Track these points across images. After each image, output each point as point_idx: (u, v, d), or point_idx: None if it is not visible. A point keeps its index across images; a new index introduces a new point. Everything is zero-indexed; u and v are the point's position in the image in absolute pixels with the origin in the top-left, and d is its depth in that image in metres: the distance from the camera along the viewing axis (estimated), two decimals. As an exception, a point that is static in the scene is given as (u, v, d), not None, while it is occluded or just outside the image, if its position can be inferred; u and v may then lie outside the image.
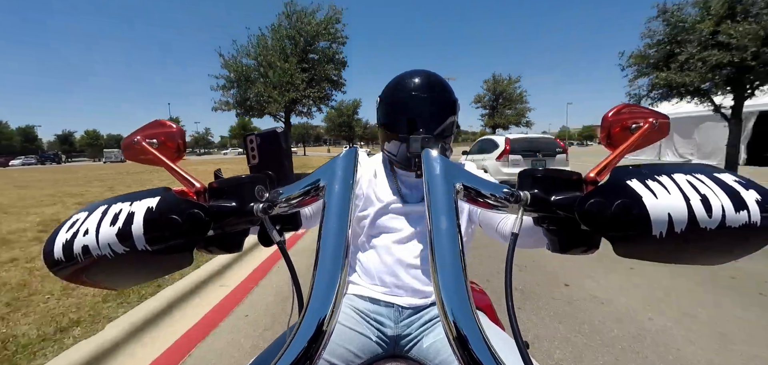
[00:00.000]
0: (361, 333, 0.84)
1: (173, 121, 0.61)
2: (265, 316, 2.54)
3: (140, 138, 0.59)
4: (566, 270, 3.26)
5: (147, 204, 0.40)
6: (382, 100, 0.94)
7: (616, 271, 3.19)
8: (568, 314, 2.48)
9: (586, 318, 2.41)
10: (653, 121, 0.55)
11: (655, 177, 0.36)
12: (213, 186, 0.46)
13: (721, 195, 0.34)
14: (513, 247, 0.38)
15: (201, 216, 0.40)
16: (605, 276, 3.11)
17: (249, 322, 2.45)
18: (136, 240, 0.39)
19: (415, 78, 0.90)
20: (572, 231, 0.42)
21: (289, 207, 0.46)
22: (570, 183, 0.43)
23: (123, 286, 0.44)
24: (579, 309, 2.54)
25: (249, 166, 0.55)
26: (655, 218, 0.34)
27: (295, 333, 0.31)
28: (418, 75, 0.90)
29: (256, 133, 0.55)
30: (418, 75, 0.90)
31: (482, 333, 0.30)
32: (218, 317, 2.52)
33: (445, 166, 0.42)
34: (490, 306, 0.96)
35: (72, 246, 0.39)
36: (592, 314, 2.47)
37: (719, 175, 0.36)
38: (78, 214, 0.42)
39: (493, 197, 0.43)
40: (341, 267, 0.34)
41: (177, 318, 2.46)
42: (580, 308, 2.57)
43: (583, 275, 3.15)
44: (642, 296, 2.74)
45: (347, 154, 0.44)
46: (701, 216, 0.33)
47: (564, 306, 2.60)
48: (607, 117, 0.57)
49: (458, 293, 0.32)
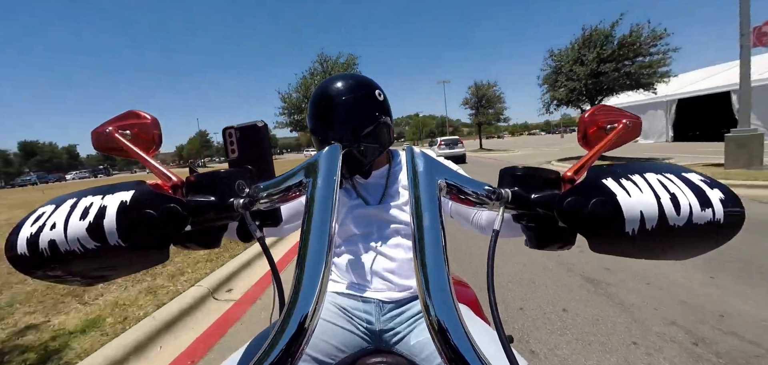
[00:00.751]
0: (344, 327, 0.84)
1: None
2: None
3: (112, 129, 0.56)
4: (715, 297, 2.41)
5: (120, 198, 0.38)
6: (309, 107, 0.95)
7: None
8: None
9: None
10: (627, 122, 0.58)
11: (628, 176, 0.38)
12: (190, 181, 0.45)
13: (689, 194, 0.36)
14: (494, 243, 0.39)
15: (178, 210, 0.38)
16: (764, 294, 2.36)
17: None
18: (109, 235, 0.37)
19: (335, 83, 0.89)
20: (549, 228, 0.43)
21: (270, 202, 0.45)
22: (548, 181, 0.44)
23: (93, 282, 0.42)
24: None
25: (228, 160, 0.54)
26: (628, 216, 0.35)
27: (277, 331, 0.30)
28: (337, 80, 0.90)
29: (235, 127, 0.54)
30: (337, 80, 0.90)
31: (464, 327, 0.30)
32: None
33: (428, 162, 0.43)
34: (476, 301, 0.98)
35: (37, 241, 0.37)
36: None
37: (687, 175, 0.38)
38: (44, 207, 0.40)
39: (474, 194, 0.44)
40: (325, 263, 0.34)
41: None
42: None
43: (740, 298, 2.37)
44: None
45: (331, 150, 0.44)
46: (670, 213, 0.35)
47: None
48: (584, 118, 0.60)
49: (441, 289, 0.32)
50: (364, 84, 0.91)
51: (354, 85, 0.89)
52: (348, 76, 0.91)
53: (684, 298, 2.44)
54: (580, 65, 13.91)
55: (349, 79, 0.90)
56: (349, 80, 0.90)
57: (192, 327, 2.55)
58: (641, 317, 2.25)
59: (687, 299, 2.43)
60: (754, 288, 2.51)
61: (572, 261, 3.28)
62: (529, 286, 2.86)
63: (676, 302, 2.40)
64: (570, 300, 2.57)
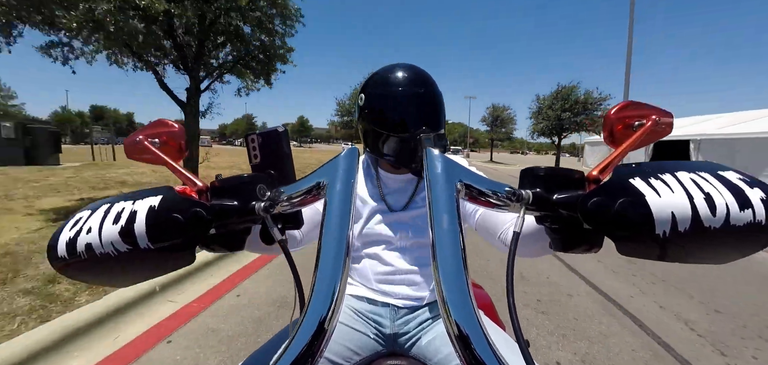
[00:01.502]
0: (359, 330, 0.84)
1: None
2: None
3: (142, 137, 0.59)
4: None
5: (149, 203, 0.40)
6: (372, 95, 0.88)
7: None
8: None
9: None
10: (656, 119, 0.54)
11: (658, 175, 0.36)
12: (215, 185, 0.46)
13: (726, 194, 0.33)
14: (514, 246, 0.38)
15: (203, 214, 0.40)
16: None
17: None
18: (139, 239, 0.39)
19: (408, 73, 0.86)
20: (575, 230, 0.42)
21: (290, 205, 0.46)
22: (572, 181, 0.43)
23: (125, 284, 0.44)
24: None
25: (251, 165, 0.55)
26: (658, 217, 0.33)
27: (297, 331, 0.31)
28: (409, 69, 0.86)
29: (257, 133, 0.55)
30: (409, 69, 0.86)
31: (484, 333, 0.30)
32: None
33: (446, 164, 0.42)
34: (491, 305, 0.96)
35: (75, 244, 0.39)
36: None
37: (724, 173, 0.35)
38: (82, 213, 0.42)
39: (494, 196, 0.43)
40: (343, 265, 0.34)
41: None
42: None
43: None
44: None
45: (348, 153, 0.44)
46: (705, 214, 0.33)
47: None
48: (610, 115, 0.56)
49: (460, 292, 0.32)
50: (433, 80, 0.88)
51: (429, 75, 0.87)
52: (411, 65, 0.88)
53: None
54: (552, 110, 22.32)
55: (419, 69, 0.87)
56: (422, 70, 0.87)
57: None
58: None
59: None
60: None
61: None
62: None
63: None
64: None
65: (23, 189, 7.07)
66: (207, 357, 2.02)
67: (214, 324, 2.39)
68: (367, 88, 0.90)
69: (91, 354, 2.01)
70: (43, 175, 9.51)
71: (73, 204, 5.82)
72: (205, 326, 2.35)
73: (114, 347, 2.07)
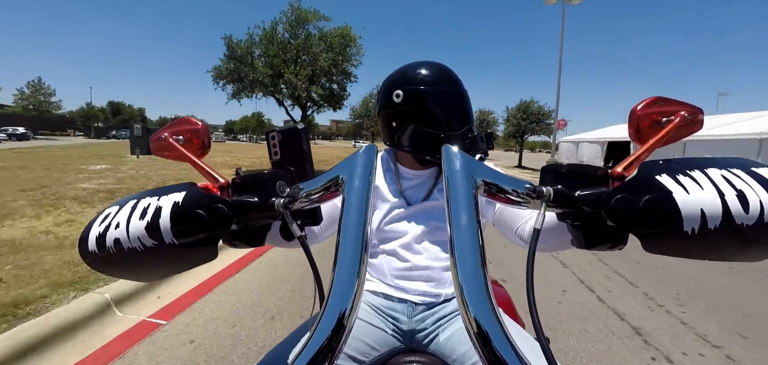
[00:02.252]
0: (377, 326, 0.84)
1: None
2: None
3: (167, 134, 0.61)
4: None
5: (174, 199, 0.42)
6: (417, 92, 0.87)
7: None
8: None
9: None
10: (685, 114, 0.53)
11: (686, 171, 0.35)
12: (236, 182, 0.47)
13: (759, 190, 0.32)
14: (535, 243, 0.37)
15: (225, 210, 0.41)
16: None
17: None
18: (164, 234, 0.40)
19: (439, 71, 0.87)
20: (598, 227, 0.41)
21: (309, 202, 0.46)
22: (595, 178, 0.41)
23: (151, 278, 0.46)
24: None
25: (271, 162, 0.56)
26: (686, 214, 0.33)
27: (318, 325, 0.31)
28: (439, 67, 0.88)
29: (278, 130, 0.56)
30: (439, 67, 0.88)
31: (504, 330, 0.29)
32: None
33: (465, 161, 0.42)
34: (510, 302, 0.95)
35: (105, 239, 0.41)
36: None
37: (757, 169, 0.34)
38: (110, 208, 0.44)
39: (514, 193, 0.42)
40: (361, 261, 0.34)
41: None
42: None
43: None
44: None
45: (367, 150, 0.44)
46: (737, 211, 0.31)
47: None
48: (636, 110, 0.55)
49: (479, 289, 0.31)
50: (459, 78, 0.90)
51: (457, 77, 0.89)
52: (437, 63, 0.90)
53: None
54: (515, 118, 29.10)
55: (449, 69, 0.89)
56: (451, 70, 0.89)
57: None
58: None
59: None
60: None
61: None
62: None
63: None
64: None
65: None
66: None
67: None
68: (405, 84, 0.89)
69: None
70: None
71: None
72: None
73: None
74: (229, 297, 2.77)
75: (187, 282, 2.92)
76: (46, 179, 7.55)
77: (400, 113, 0.89)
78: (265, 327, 2.33)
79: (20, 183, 6.77)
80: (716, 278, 3.44)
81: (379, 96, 0.95)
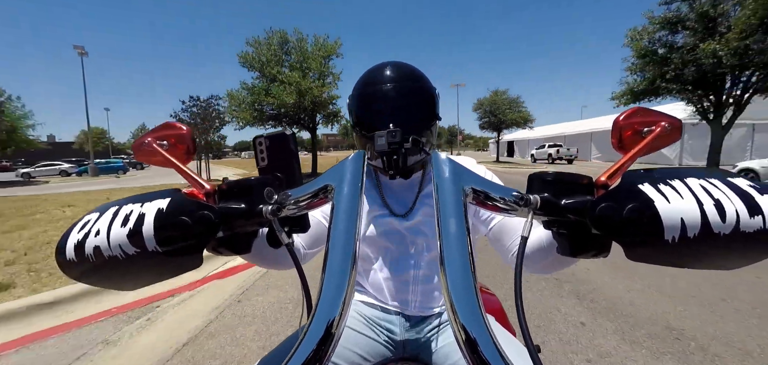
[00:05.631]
0: (369, 336, 0.83)
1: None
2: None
3: (151, 139, 0.59)
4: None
5: (157, 206, 0.41)
6: (352, 97, 0.84)
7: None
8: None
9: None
10: (665, 125, 0.54)
11: (667, 181, 0.36)
12: (222, 188, 0.46)
13: (736, 200, 0.33)
14: (523, 250, 0.38)
15: (210, 217, 0.40)
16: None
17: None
18: (147, 241, 0.39)
19: (385, 69, 0.80)
20: (583, 235, 0.42)
21: (297, 209, 0.46)
22: (580, 187, 0.42)
23: (133, 287, 0.44)
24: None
25: (258, 168, 0.55)
26: (667, 223, 0.34)
27: (305, 335, 0.31)
28: (388, 66, 0.81)
29: (265, 136, 0.55)
30: (388, 66, 0.81)
31: (492, 337, 0.29)
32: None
33: (453, 168, 0.42)
34: (501, 310, 0.95)
35: (84, 247, 0.39)
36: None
37: (733, 180, 0.35)
38: (90, 215, 0.43)
39: (502, 200, 0.42)
40: (350, 269, 0.34)
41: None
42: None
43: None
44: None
45: (356, 157, 0.44)
46: (715, 221, 0.33)
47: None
48: (618, 121, 0.57)
49: (468, 297, 0.31)
50: (415, 69, 0.82)
51: (410, 69, 0.81)
52: (397, 61, 0.83)
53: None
54: (487, 112, 29.75)
55: (403, 64, 0.82)
56: (405, 65, 0.82)
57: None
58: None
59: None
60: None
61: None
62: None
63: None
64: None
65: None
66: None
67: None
68: (353, 88, 0.86)
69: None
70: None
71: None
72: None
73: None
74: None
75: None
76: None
77: (350, 119, 0.86)
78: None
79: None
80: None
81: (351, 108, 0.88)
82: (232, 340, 2.33)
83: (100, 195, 11.53)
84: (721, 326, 2.34)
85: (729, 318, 2.45)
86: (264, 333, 2.41)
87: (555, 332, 2.33)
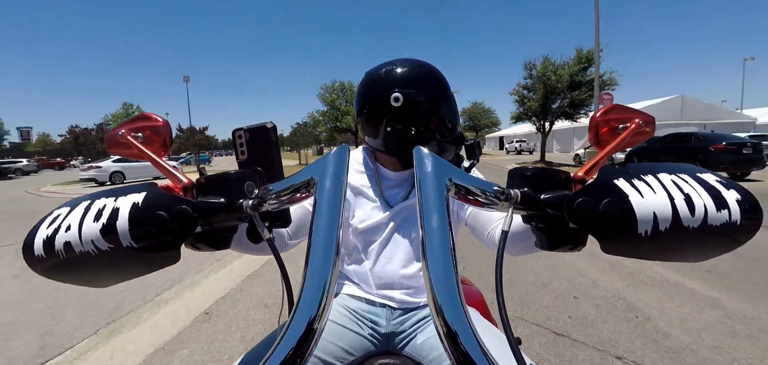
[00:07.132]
0: (354, 330, 0.83)
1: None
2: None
3: (125, 131, 0.57)
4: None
5: (133, 200, 0.39)
6: (361, 84, 0.87)
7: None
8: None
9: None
10: (639, 121, 0.56)
11: (641, 176, 0.37)
12: (200, 182, 0.45)
13: (704, 195, 0.35)
14: (503, 245, 0.39)
15: (189, 212, 0.39)
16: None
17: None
18: (122, 237, 0.37)
19: (402, 64, 0.83)
20: (560, 229, 0.43)
21: (279, 203, 0.45)
22: (558, 182, 0.43)
23: (106, 284, 0.42)
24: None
25: (238, 162, 0.54)
26: (640, 217, 0.35)
27: (285, 332, 0.31)
28: (404, 61, 0.84)
29: (245, 128, 0.54)
30: (404, 61, 0.84)
31: (472, 329, 0.30)
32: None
33: (436, 163, 0.42)
34: (483, 302, 0.97)
35: (53, 242, 0.38)
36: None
37: (702, 175, 0.37)
38: (60, 209, 0.41)
39: (483, 195, 0.43)
40: (332, 264, 0.34)
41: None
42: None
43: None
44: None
45: (339, 151, 0.44)
46: (685, 215, 0.34)
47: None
48: (595, 117, 0.59)
49: (449, 289, 0.32)
50: (432, 66, 0.85)
51: (428, 65, 0.84)
52: (412, 58, 0.85)
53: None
54: (468, 118, 36.49)
55: (419, 60, 0.84)
56: (421, 61, 0.84)
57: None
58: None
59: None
60: None
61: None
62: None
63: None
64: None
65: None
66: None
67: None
68: (364, 77, 0.88)
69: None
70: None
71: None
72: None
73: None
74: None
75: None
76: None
77: (385, 113, 0.82)
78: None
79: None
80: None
81: (363, 93, 0.86)
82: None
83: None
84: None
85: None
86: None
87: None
